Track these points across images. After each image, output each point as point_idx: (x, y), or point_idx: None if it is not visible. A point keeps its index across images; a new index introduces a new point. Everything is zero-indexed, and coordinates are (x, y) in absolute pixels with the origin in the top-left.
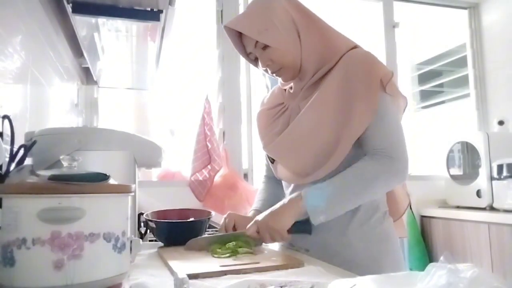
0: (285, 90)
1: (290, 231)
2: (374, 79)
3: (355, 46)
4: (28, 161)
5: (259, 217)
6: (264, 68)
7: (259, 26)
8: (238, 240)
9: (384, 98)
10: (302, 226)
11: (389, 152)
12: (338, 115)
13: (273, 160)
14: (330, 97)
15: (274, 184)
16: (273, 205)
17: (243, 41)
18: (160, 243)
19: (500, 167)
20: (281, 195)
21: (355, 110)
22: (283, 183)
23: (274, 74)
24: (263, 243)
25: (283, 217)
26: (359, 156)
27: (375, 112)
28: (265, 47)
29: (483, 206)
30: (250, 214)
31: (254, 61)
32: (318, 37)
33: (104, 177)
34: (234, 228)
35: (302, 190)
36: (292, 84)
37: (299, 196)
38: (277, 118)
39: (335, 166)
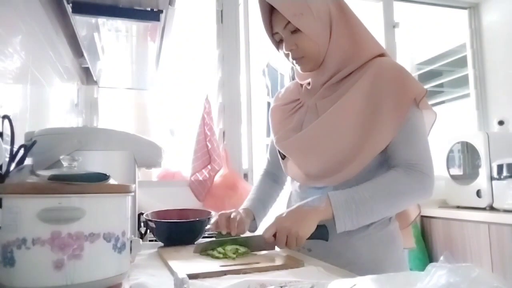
0: (301, 86)
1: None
2: (407, 97)
3: (383, 54)
4: (28, 161)
5: (279, 219)
6: (287, 52)
7: (295, 8)
8: (248, 243)
9: (416, 113)
10: (320, 232)
11: (422, 167)
12: (362, 125)
13: (284, 156)
14: (355, 105)
15: (270, 181)
16: (265, 205)
17: (273, 19)
18: (160, 243)
19: (500, 167)
20: (276, 194)
21: (381, 124)
22: (291, 179)
23: (294, 61)
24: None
25: (307, 223)
26: (380, 168)
27: (400, 128)
28: (295, 31)
29: (483, 206)
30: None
31: (278, 43)
32: (348, 35)
33: (104, 177)
34: (228, 225)
35: (327, 193)
36: (309, 80)
37: (326, 201)
38: (292, 114)
39: (351, 176)
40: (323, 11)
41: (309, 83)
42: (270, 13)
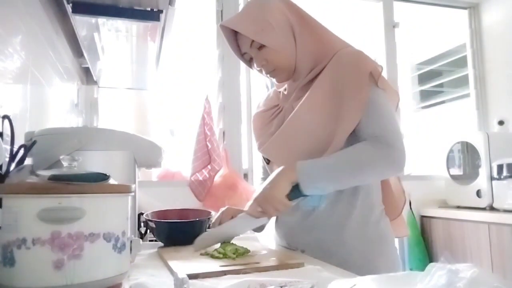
0: (280, 92)
1: (289, 198)
2: (363, 74)
3: (347, 47)
4: (28, 161)
5: (255, 194)
6: (259, 68)
7: (255, 26)
8: (241, 225)
9: (376, 91)
10: (299, 191)
11: (386, 139)
12: (330, 112)
13: (269, 161)
14: (320, 95)
15: None
16: None
17: (239, 41)
18: (160, 243)
19: (500, 167)
20: None
21: (346, 106)
22: None
23: (268, 75)
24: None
25: (279, 184)
26: None
27: (365, 106)
28: (261, 47)
29: (483, 206)
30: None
31: (249, 61)
32: (312, 38)
33: (104, 177)
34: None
35: None
36: (286, 86)
37: (292, 165)
38: (272, 119)
39: None
40: (282, 21)
41: (285, 89)
42: (234, 36)
